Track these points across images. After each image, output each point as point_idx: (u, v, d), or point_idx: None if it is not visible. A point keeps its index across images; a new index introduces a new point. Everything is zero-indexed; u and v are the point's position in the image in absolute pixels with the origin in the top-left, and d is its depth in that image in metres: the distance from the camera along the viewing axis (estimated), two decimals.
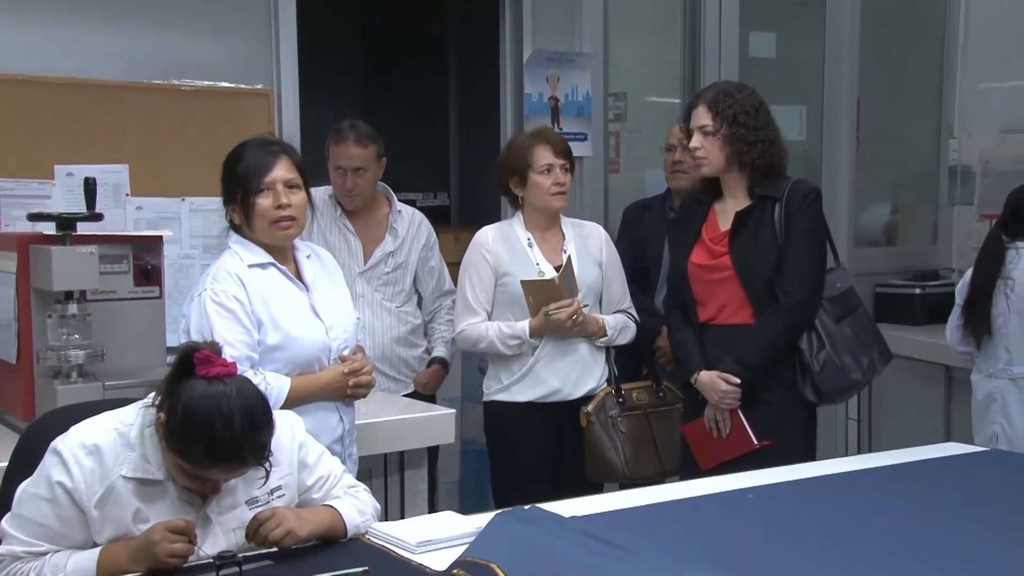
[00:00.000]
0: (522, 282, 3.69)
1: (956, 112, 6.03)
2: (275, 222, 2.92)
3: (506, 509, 2.46)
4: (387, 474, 3.51)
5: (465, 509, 3.16)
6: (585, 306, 3.75)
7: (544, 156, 3.75)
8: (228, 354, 2.65)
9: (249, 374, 2.77)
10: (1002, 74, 5.71)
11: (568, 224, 3.90)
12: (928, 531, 2.59)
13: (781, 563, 2.30)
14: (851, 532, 2.56)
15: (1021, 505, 2.81)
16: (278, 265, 3.00)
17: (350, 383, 3.05)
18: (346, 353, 3.09)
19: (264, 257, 2.98)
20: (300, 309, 3.03)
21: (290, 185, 2.94)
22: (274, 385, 2.89)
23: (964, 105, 5.90)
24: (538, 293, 3.67)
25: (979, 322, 4.45)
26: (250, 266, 2.95)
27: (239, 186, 2.93)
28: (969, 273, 4.59)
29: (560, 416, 3.80)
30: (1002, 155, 5.41)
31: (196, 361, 2.19)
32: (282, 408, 2.77)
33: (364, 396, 3.14)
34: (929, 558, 2.38)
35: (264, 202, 2.91)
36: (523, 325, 3.72)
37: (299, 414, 2.78)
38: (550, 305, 3.65)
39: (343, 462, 2.98)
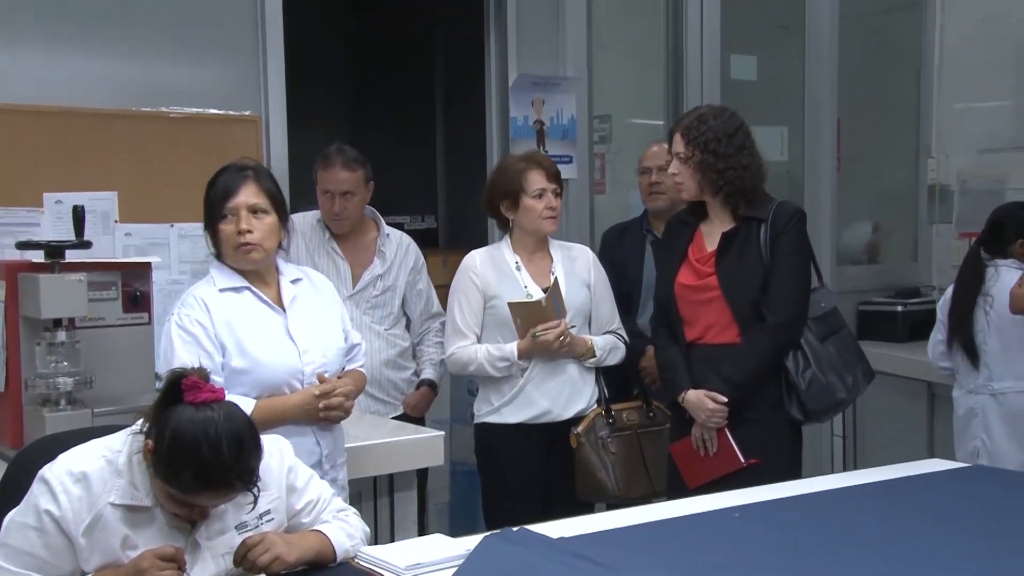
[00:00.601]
0: (509, 304, 3.68)
1: (934, 132, 6.06)
2: (237, 247, 2.91)
3: (494, 531, 2.46)
4: (376, 496, 3.49)
5: (455, 530, 3.14)
6: (573, 327, 3.75)
7: (538, 180, 3.75)
8: None
9: None
10: (978, 95, 5.76)
11: (556, 246, 3.89)
12: (915, 546, 2.59)
13: None
14: (838, 549, 2.56)
15: (1005, 519, 2.82)
16: (253, 289, 2.99)
17: (320, 405, 2.98)
18: (325, 376, 3.04)
19: (239, 281, 2.98)
20: (272, 332, 3.00)
21: (255, 210, 2.91)
22: None
23: (941, 125, 5.94)
24: (525, 315, 3.66)
25: (961, 339, 4.46)
26: (222, 290, 2.95)
27: (209, 211, 2.93)
28: (950, 290, 4.61)
29: (550, 437, 3.78)
30: (979, 175, 5.45)
31: (184, 387, 2.18)
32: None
33: (337, 420, 3.07)
34: (913, 569, 2.40)
35: (227, 228, 2.91)
36: (512, 347, 3.71)
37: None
38: (537, 327, 3.65)
39: (329, 483, 3.00)
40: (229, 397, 2.73)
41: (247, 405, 2.81)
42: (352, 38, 7.49)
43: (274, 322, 3.01)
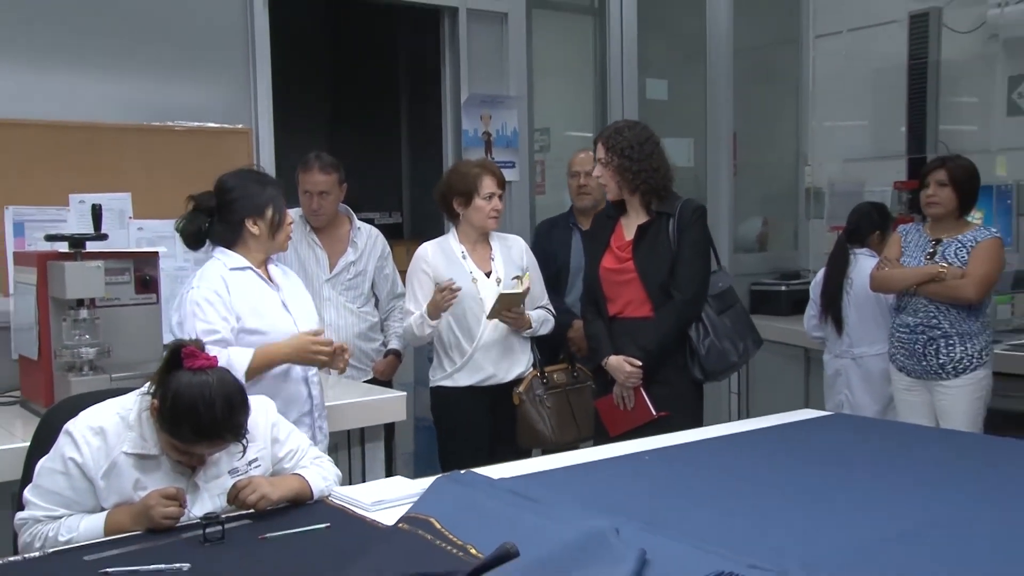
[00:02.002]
0: (501, 295, 3.65)
1: (809, 145, 6.11)
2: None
3: (445, 473, 2.45)
4: (350, 447, 3.47)
5: (417, 476, 3.10)
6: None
7: (489, 185, 3.73)
8: (210, 338, 2.74)
9: (216, 350, 2.69)
10: (843, 115, 5.83)
11: (495, 237, 3.87)
12: (789, 477, 2.63)
13: (672, 509, 2.30)
14: (730, 482, 2.59)
15: (858, 454, 2.88)
16: (254, 269, 2.99)
17: (311, 346, 2.95)
18: None
19: (243, 263, 2.96)
20: (272, 304, 3.01)
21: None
22: (234, 357, 2.80)
23: (815, 139, 5.99)
24: (505, 301, 3.66)
25: (831, 313, 4.51)
26: (231, 269, 2.93)
27: (277, 209, 2.99)
28: (821, 274, 4.66)
29: (495, 396, 3.77)
30: (844, 179, 5.54)
31: (183, 355, 2.19)
32: (254, 370, 2.84)
33: (324, 364, 3.00)
34: (790, 497, 2.42)
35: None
36: (424, 307, 3.67)
37: (274, 391, 2.85)
38: (511, 310, 3.67)
39: (314, 433, 3.04)
40: (231, 351, 2.81)
41: (247, 353, 2.85)
42: (330, 63, 7.44)
43: (272, 296, 3.01)
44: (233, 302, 2.90)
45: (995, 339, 4.26)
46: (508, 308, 3.67)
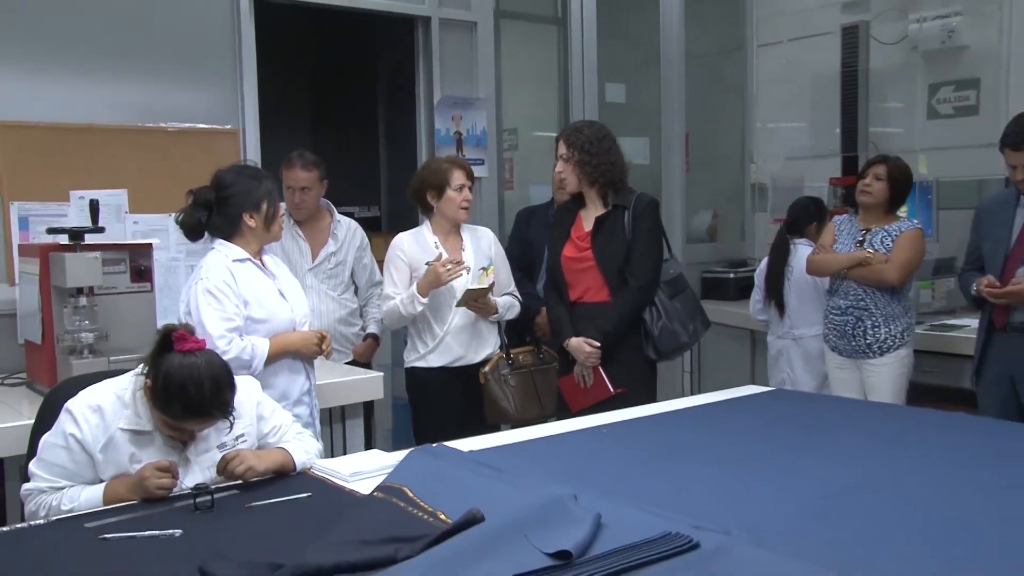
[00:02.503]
0: (468, 291, 3.63)
1: (754, 144, 6.13)
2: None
3: (418, 447, 2.45)
4: (332, 423, 3.47)
5: (395, 450, 3.13)
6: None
7: (459, 178, 3.72)
8: (223, 327, 2.82)
9: (238, 340, 2.85)
10: (783, 117, 5.85)
11: (466, 229, 3.85)
12: (734, 447, 2.65)
13: (626, 478, 2.32)
14: (680, 452, 2.60)
15: (795, 425, 2.91)
16: (254, 260, 2.99)
17: (315, 341, 3.06)
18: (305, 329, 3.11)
19: (243, 255, 2.96)
20: (271, 292, 3.01)
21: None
22: (256, 346, 2.90)
23: (759, 139, 6.01)
24: (471, 294, 3.65)
25: (774, 297, 4.54)
26: (234, 260, 2.93)
27: (272, 202, 3.00)
28: (764, 262, 4.68)
29: (464, 376, 3.77)
30: (785, 176, 5.57)
31: (174, 338, 2.19)
32: (266, 360, 2.91)
33: (319, 355, 3.14)
34: (734, 464, 2.44)
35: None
36: (414, 287, 3.64)
37: (282, 374, 3.00)
38: (478, 300, 3.67)
39: (312, 411, 3.09)
40: (252, 340, 2.88)
41: (264, 345, 2.92)
42: (313, 68, 7.40)
43: (270, 285, 3.02)
44: (240, 291, 2.91)
45: (918, 320, 4.31)
46: (475, 299, 3.68)
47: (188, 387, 2.12)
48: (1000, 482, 2.25)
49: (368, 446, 3.57)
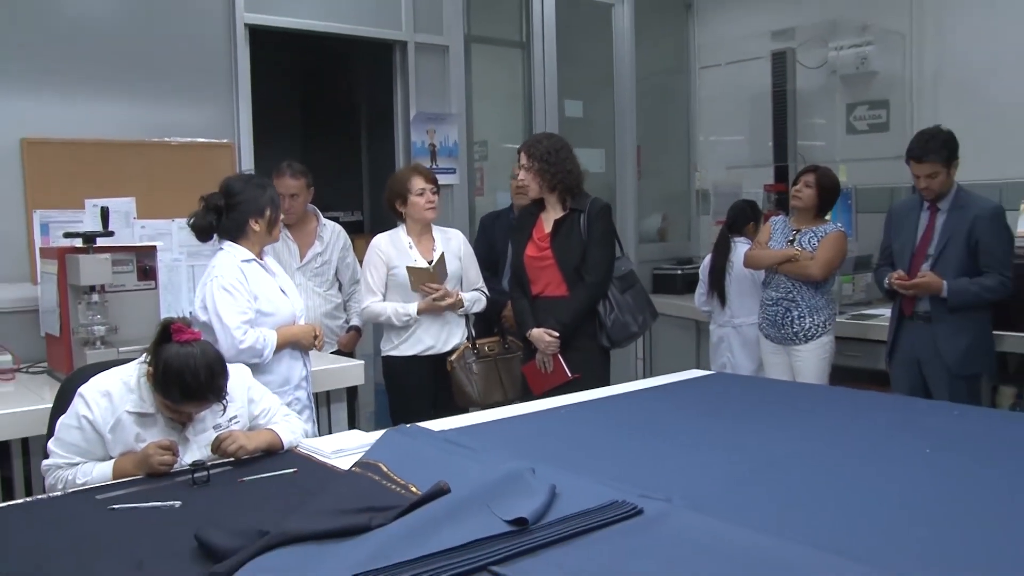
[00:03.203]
0: (408, 268, 3.65)
1: (698, 154, 6.15)
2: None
3: (393, 427, 2.45)
4: (318, 407, 3.44)
5: (376, 431, 3.13)
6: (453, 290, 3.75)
7: (419, 183, 3.70)
8: (239, 320, 2.83)
9: (252, 331, 2.87)
10: (724, 131, 5.87)
11: (437, 231, 3.85)
12: (677, 424, 2.67)
13: (581, 453, 2.33)
14: (629, 429, 2.62)
15: (733, 405, 2.95)
16: (257, 260, 3.00)
17: (312, 335, 3.09)
18: (301, 323, 3.12)
19: (248, 255, 2.97)
20: (274, 289, 3.02)
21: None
22: (267, 337, 2.92)
23: (702, 151, 6.03)
24: (418, 276, 3.64)
25: (717, 290, 4.57)
26: (242, 260, 2.93)
27: (274, 208, 3.00)
28: (708, 259, 4.71)
29: (435, 364, 3.76)
30: (725, 183, 5.59)
31: (172, 330, 2.19)
32: (279, 347, 2.95)
33: (320, 347, 3.19)
34: (677, 440, 2.46)
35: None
36: (413, 306, 3.67)
37: (281, 362, 3.01)
38: (427, 284, 3.64)
39: (308, 394, 3.11)
40: (263, 331, 2.89)
41: (272, 336, 2.94)
42: (302, 87, 7.36)
43: (272, 282, 3.03)
44: (251, 288, 2.92)
45: (840, 311, 4.36)
46: (422, 282, 3.64)
47: (185, 374, 2.12)
48: (907, 449, 2.29)
49: (351, 427, 3.57)
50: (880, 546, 1.64)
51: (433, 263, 3.67)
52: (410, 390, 3.74)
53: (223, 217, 2.94)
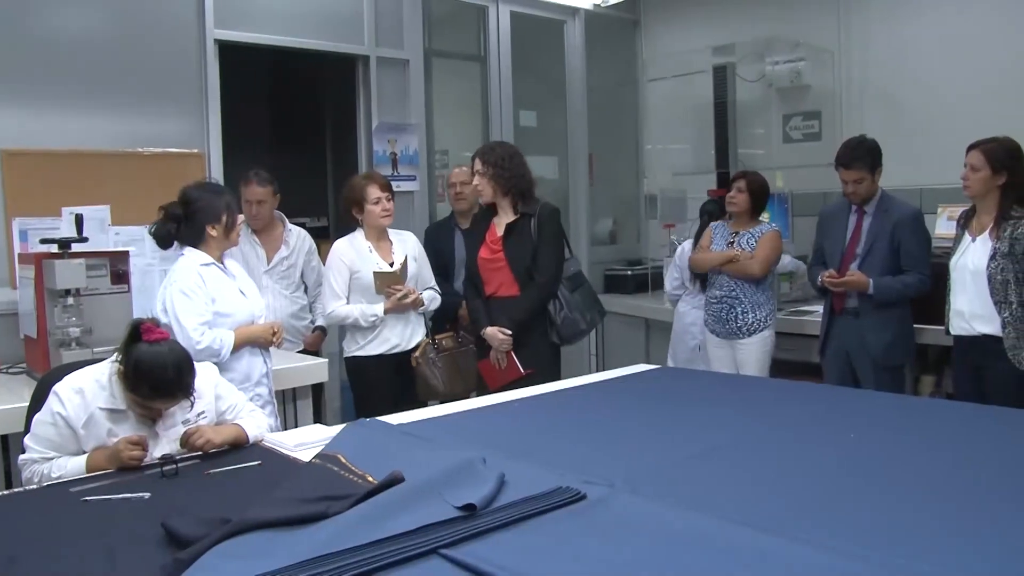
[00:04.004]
0: (374, 273, 3.66)
1: (646, 162, 6.19)
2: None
3: (354, 421, 2.47)
4: (285, 403, 3.45)
5: None
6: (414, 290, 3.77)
7: (374, 192, 3.72)
8: (196, 322, 2.82)
9: (209, 332, 2.85)
10: (670, 140, 5.90)
11: (393, 234, 3.86)
12: (622, 414, 2.71)
13: (532, 443, 2.34)
14: (577, 420, 2.64)
15: (675, 395, 2.98)
16: (216, 263, 2.99)
17: (272, 335, 3.08)
18: (261, 323, 3.10)
19: (209, 259, 2.96)
20: (234, 291, 3.01)
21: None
22: (224, 338, 2.91)
23: (650, 158, 6.08)
24: (384, 279, 3.66)
25: (700, 276, 4.42)
26: (202, 265, 2.93)
27: (231, 213, 2.98)
28: (685, 246, 4.61)
29: (399, 361, 3.78)
30: (672, 189, 5.62)
31: (142, 330, 2.19)
32: (236, 346, 2.93)
33: (279, 344, 3.18)
34: (621, 429, 2.49)
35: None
36: (380, 307, 3.69)
37: (241, 360, 2.96)
38: (391, 286, 3.66)
39: (269, 390, 3.10)
40: (219, 332, 2.87)
41: (229, 336, 2.93)
42: (270, 99, 7.31)
43: (231, 284, 3.02)
44: (208, 291, 2.90)
45: (779, 307, 4.43)
46: (387, 285, 3.66)
47: (155, 371, 2.13)
48: (835, 434, 2.35)
49: (317, 422, 3.57)
50: (803, 521, 1.68)
51: (396, 265, 3.70)
52: (376, 387, 3.75)
53: (182, 225, 2.94)
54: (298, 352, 4.02)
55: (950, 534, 1.62)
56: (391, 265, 3.70)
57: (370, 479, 1.84)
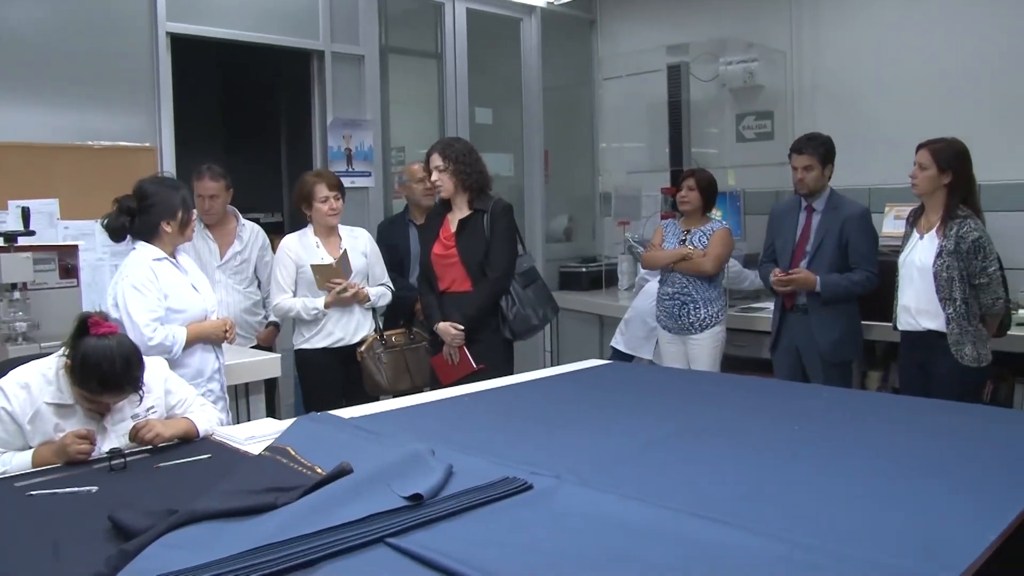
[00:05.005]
0: (312, 266, 3.68)
1: (601, 160, 6.23)
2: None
3: (305, 415, 2.48)
4: (237, 398, 3.44)
5: None
6: (359, 284, 3.78)
7: (323, 191, 3.73)
8: (148, 317, 2.80)
9: (161, 329, 2.84)
10: (624, 138, 5.94)
11: (343, 230, 3.87)
12: (571, 407, 2.75)
13: (482, 436, 2.37)
14: (527, 413, 2.68)
15: (625, 389, 3.03)
16: (169, 259, 2.97)
17: (225, 331, 3.07)
18: (213, 318, 3.09)
19: (161, 254, 2.95)
20: (185, 286, 2.99)
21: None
22: (176, 334, 2.89)
23: (605, 156, 6.12)
24: (323, 272, 3.68)
25: None
26: (154, 260, 2.91)
27: (186, 209, 2.97)
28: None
29: (345, 355, 3.78)
30: (626, 187, 5.65)
31: (90, 324, 2.18)
32: (184, 345, 2.91)
33: (231, 340, 3.15)
34: (569, 422, 2.53)
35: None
36: (320, 300, 3.70)
37: (194, 356, 2.96)
38: (331, 280, 3.67)
39: (221, 385, 3.09)
40: (171, 328, 2.86)
41: (181, 333, 2.91)
42: (225, 94, 7.26)
43: (184, 280, 3.00)
44: (161, 286, 2.89)
45: (730, 304, 4.51)
46: (327, 279, 3.68)
47: (102, 365, 2.12)
48: (779, 426, 2.42)
49: (270, 418, 3.57)
50: (742, 508, 1.74)
51: (335, 259, 3.70)
52: (322, 381, 3.76)
53: (136, 219, 2.92)
54: (251, 348, 4.00)
55: (881, 520, 1.69)
56: (335, 259, 3.71)
57: (319, 471, 1.86)
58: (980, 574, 1.49)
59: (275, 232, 4.75)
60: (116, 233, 2.93)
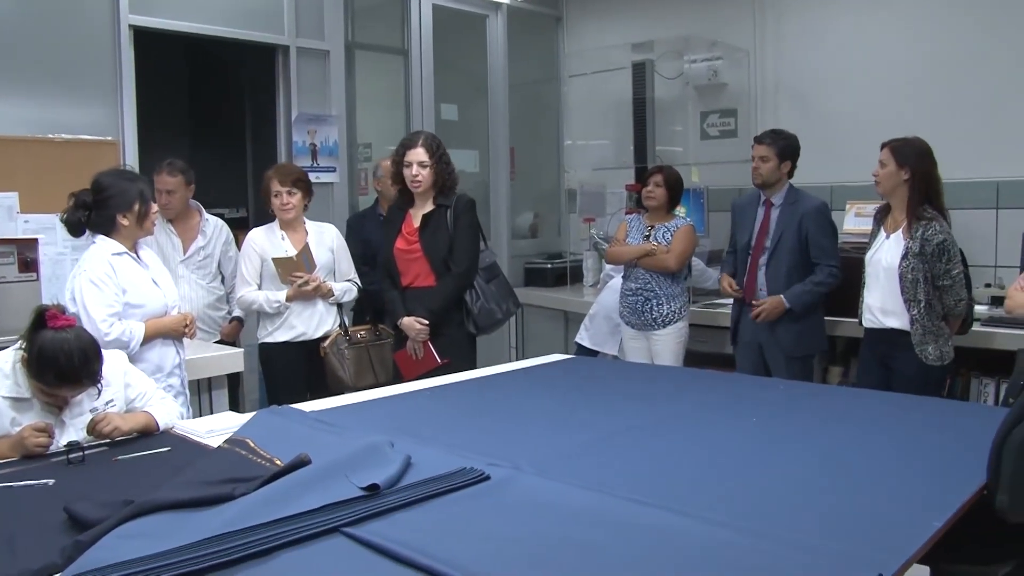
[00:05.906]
0: (273, 259, 3.69)
1: (566, 156, 6.25)
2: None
3: (266, 408, 2.48)
4: (200, 393, 3.44)
5: None
6: (321, 279, 3.78)
7: (275, 186, 3.75)
8: (105, 312, 2.77)
9: (119, 324, 2.82)
10: (590, 135, 5.96)
11: (310, 225, 3.87)
12: (531, 401, 2.78)
13: (442, 428, 2.39)
14: (487, 407, 2.71)
15: (585, 383, 3.07)
16: (129, 253, 2.95)
17: (185, 325, 3.05)
18: (174, 313, 3.07)
19: (121, 248, 2.92)
20: (146, 281, 2.97)
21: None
22: (133, 330, 2.87)
23: (570, 153, 6.13)
24: (284, 266, 3.68)
25: None
26: (113, 254, 2.88)
27: (143, 201, 2.93)
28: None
29: (308, 350, 3.78)
30: (591, 183, 5.68)
31: (47, 317, 2.17)
32: (143, 340, 2.89)
33: (192, 336, 3.13)
34: (528, 415, 2.56)
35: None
36: (283, 293, 3.71)
37: (153, 350, 2.94)
38: (293, 274, 3.68)
39: (182, 380, 3.07)
40: (128, 324, 2.83)
41: (139, 328, 2.89)
42: (189, 88, 7.20)
43: (144, 275, 2.98)
44: (119, 281, 2.86)
45: (693, 300, 4.56)
46: (289, 272, 3.69)
47: (60, 358, 2.11)
48: (738, 419, 2.45)
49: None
50: (698, 498, 1.78)
51: (292, 252, 3.71)
52: (284, 374, 3.76)
53: (92, 213, 2.89)
54: (215, 343, 3.99)
55: (832, 507, 1.73)
56: (297, 252, 3.72)
57: (278, 462, 1.87)
58: (930, 557, 1.54)
59: (239, 227, 4.72)
60: (74, 228, 2.91)
